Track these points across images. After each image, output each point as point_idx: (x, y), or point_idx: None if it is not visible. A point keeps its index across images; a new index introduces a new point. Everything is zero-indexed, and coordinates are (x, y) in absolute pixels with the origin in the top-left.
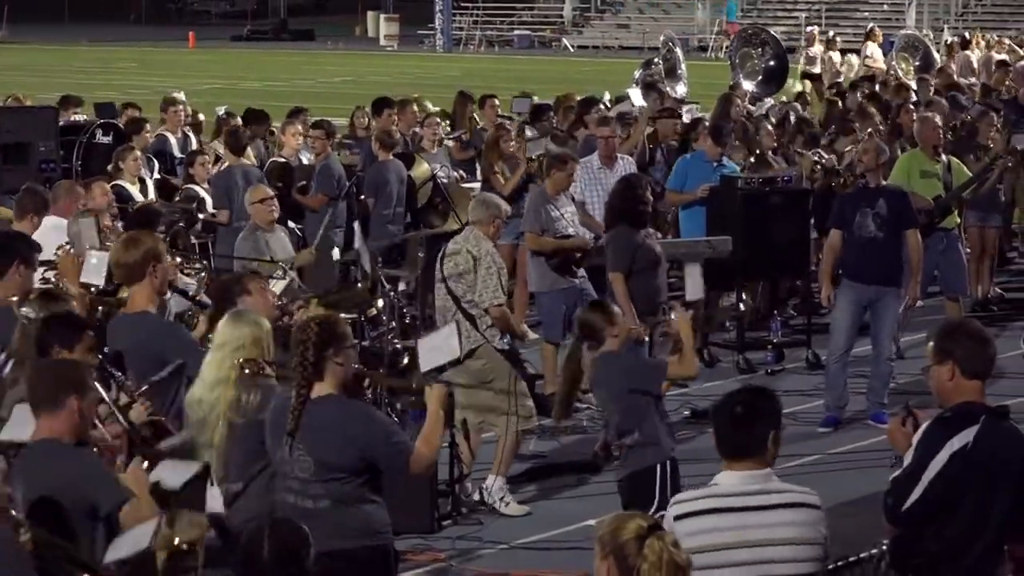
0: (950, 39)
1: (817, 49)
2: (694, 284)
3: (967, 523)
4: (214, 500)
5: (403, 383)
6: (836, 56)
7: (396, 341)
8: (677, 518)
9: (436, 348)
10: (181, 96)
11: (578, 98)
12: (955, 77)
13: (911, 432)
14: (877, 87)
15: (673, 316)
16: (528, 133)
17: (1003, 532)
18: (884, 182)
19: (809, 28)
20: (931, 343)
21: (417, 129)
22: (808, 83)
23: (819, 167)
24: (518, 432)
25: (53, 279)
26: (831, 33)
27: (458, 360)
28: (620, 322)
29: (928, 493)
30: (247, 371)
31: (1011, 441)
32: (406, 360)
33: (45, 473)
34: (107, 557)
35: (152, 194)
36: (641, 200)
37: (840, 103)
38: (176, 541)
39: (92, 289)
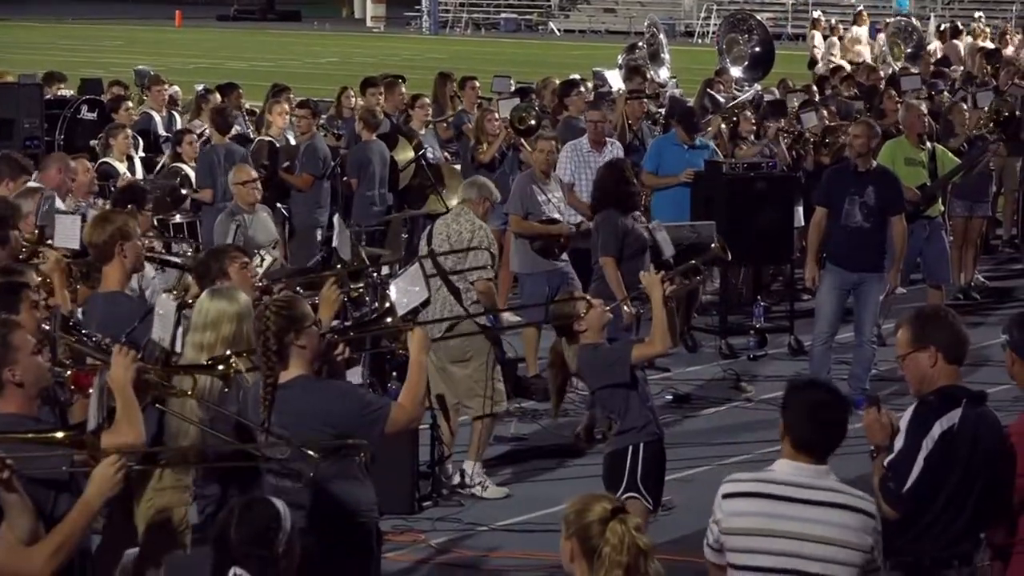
0: (942, 26)
1: (820, 35)
2: (665, 241)
3: (946, 504)
4: None
5: (382, 329)
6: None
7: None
8: (725, 496)
9: (407, 291)
10: (145, 69)
11: (558, 81)
12: (932, 66)
13: (887, 422)
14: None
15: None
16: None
17: (980, 515)
18: (874, 163)
19: (817, 14)
20: (906, 331)
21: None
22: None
23: (785, 135)
24: (491, 415)
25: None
26: (825, 19)
27: (428, 300)
28: (588, 313)
29: (924, 473)
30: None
31: (989, 426)
32: (386, 306)
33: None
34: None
35: (140, 172)
36: (629, 183)
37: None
38: None
39: (67, 253)
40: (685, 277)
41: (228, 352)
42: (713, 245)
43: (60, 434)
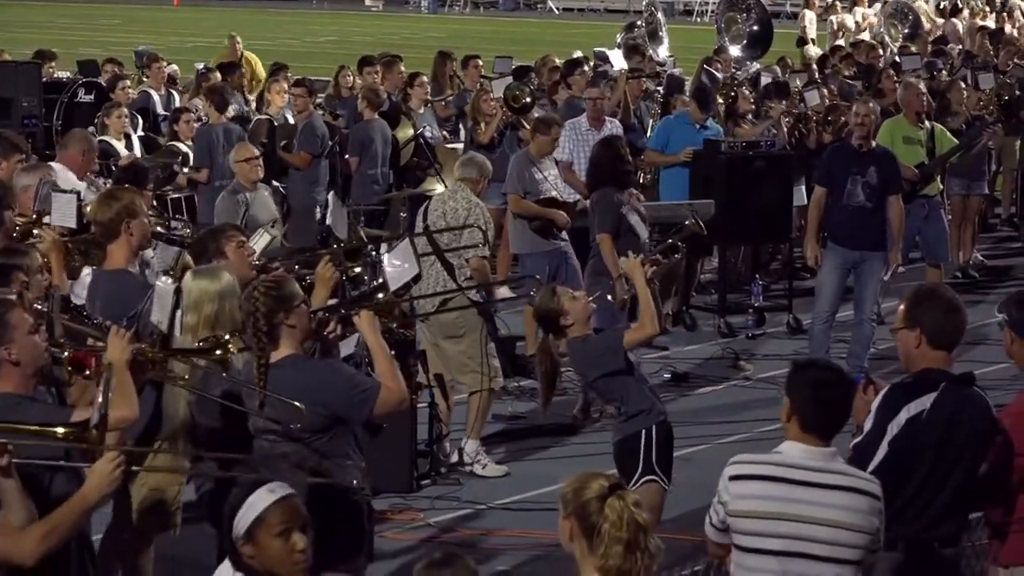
0: (941, 4)
1: (812, 15)
2: (638, 224)
3: (919, 488)
4: None
5: (374, 305)
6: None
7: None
8: (732, 478)
9: (398, 267)
10: (145, 49)
11: (558, 60)
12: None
13: (871, 400)
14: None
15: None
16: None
17: (964, 498)
18: (874, 142)
19: None
20: (902, 306)
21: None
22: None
23: (788, 116)
24: (487, 392)
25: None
26: None
27: (419, 276)
28: (571, 306)
29: (888, 458)
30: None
31: (972, 408)
32: (376, 283)
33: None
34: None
35: (138, 150)
36: (624, 160)
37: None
38: None
39: (65, 232)
40: (664, 256)
41: (226, 336)
42: (688, 222)
43: (61, 430)
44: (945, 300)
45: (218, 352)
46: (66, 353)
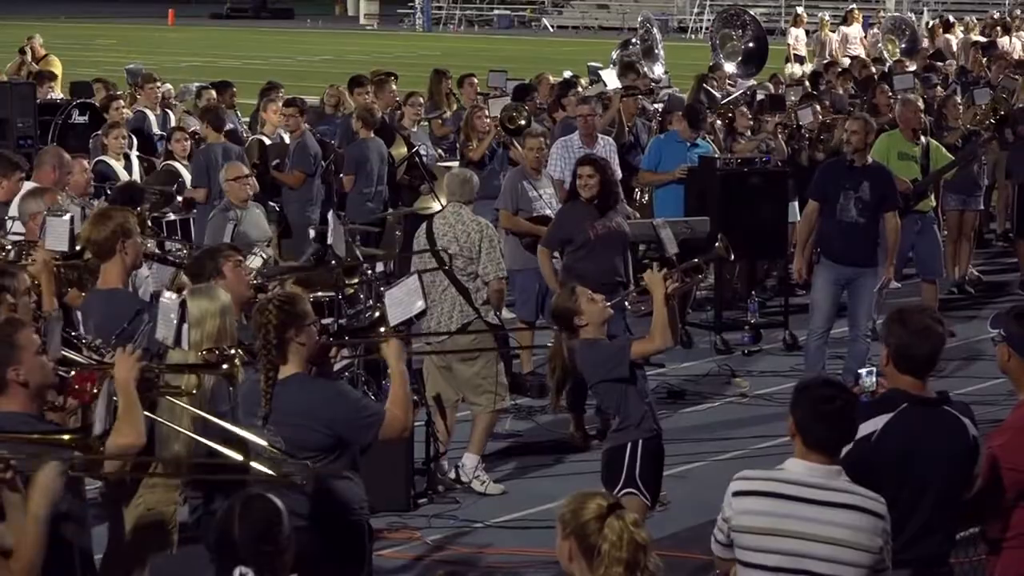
0: (931, 22)
1: (800, 32)
2: (669, 239)
3: (890, 505)
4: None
5: (374, 339)
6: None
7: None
8: (735, 494)
9: (402, 302)
10: (137, 67)
11: (552, 78)
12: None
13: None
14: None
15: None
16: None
17: (947, 517)
18: (869, 158)
19: (800, 10)
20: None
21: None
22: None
23: (783, 130)
24: (494, 411)
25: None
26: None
27: (424, 312)
28: (588, 308)
29: None
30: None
31: (936, 429)
32: (376, 315)
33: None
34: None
35: (137, 171)
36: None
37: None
38: None
39: (58, 256)
40: (687, 275)
41: (231, 350)
42: (717, 245)
43: (66, 436)
44: (915, 325)
45: (225, 367)
46: (66, 373)
